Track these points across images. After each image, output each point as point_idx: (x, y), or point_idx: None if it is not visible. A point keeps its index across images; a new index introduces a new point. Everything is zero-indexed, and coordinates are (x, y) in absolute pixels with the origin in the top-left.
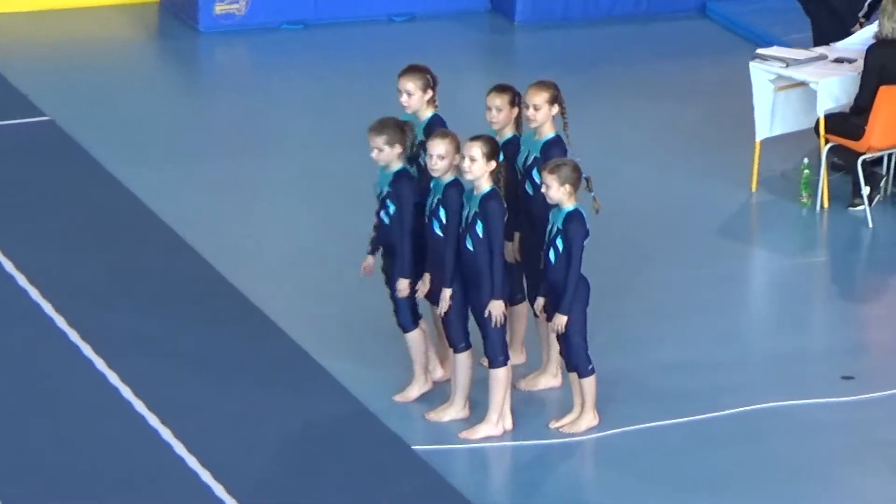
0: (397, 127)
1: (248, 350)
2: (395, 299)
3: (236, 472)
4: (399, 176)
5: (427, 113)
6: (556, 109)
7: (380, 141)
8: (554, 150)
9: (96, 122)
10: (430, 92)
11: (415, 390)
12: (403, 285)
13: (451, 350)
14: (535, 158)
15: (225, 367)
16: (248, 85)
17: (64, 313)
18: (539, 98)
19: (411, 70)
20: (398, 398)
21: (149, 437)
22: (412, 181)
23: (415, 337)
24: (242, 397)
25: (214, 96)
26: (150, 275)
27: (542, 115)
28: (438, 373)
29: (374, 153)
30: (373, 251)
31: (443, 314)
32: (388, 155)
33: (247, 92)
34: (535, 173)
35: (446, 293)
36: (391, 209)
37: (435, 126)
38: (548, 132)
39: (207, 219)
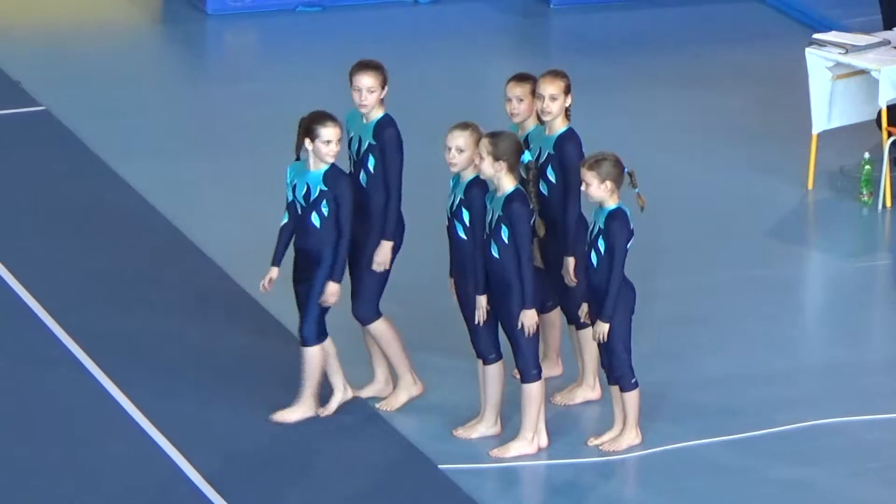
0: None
1: (257, 356)
2: (308, 308)
3: (243, 488)
4: (335, 173)
5: (378, 113)
6: (570, 100)
7: (339, 132)
8: (569, 144)
9: (94, 112)
10: (385, 90)
11: (298, 413)
12: (334, 289)
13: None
14: (549, 155)
15: (233, 375)
16: (260, 73)
17: (57, 316)
18: (556, 88)
19: (370, 66)
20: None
21: (150, 451)
22: (349, 179)
23: (316, 353)
24: (251, 407)
25: (223, 85)
26: (153, 276)
27: (558, 107)
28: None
29: (326, 147)
30: (279, 262)
31: (481, 323)
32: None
33: (258, 80)
34: (549, 171)
35: (482, 301)
36: (325, 211)
37: (385, 126)
38: (560, 126)
39: (214, 216)
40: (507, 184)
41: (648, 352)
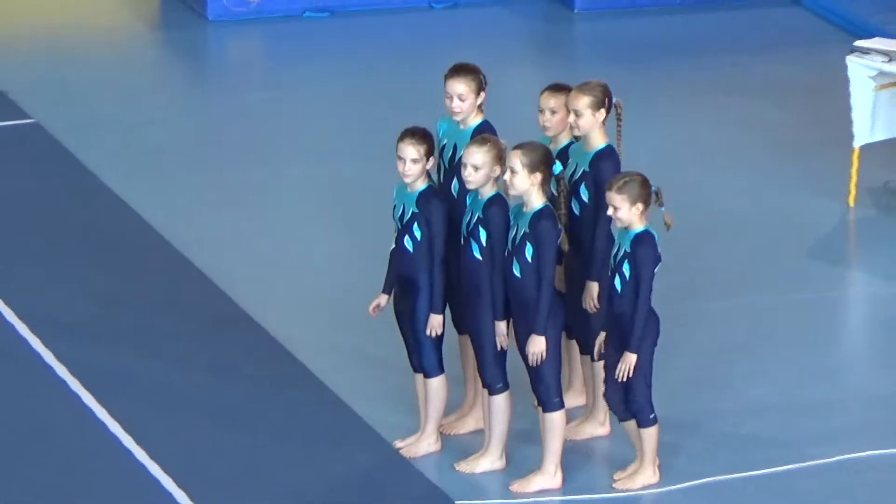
0: (430, 137)
1: (265, 391)
2: (419, 340)
3: None
4: (428, 195)
5: (476, 119)
6: (602, 115)
7: (416, 151)
8: (605, 162)
9: (88, 125)
10: (482, 95)
11: (424, 446)
12: (437, 322)
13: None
14: (584, 172)
15: (239, 411)
16: (264, 83)
17: (52, 347)
18: (580, 103)
19: (463, 70)
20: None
21: (155, 494)
22: (443, 201)
23: (441, 384)
24: (259, 445)
25: (225, 96)
26: (152, 303)
27: (585, 123)
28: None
29: (402, 166)
30: (389, 289)
31: (505, 349)
32: (420, 169)
33: (262, 91)
34: (583, 190)
35: (501, 327)
36: (417, 234)
37: (484, 133)
38: (598, 142)
39: (216, 237)
40: (537, 199)
41: (678, 380)
